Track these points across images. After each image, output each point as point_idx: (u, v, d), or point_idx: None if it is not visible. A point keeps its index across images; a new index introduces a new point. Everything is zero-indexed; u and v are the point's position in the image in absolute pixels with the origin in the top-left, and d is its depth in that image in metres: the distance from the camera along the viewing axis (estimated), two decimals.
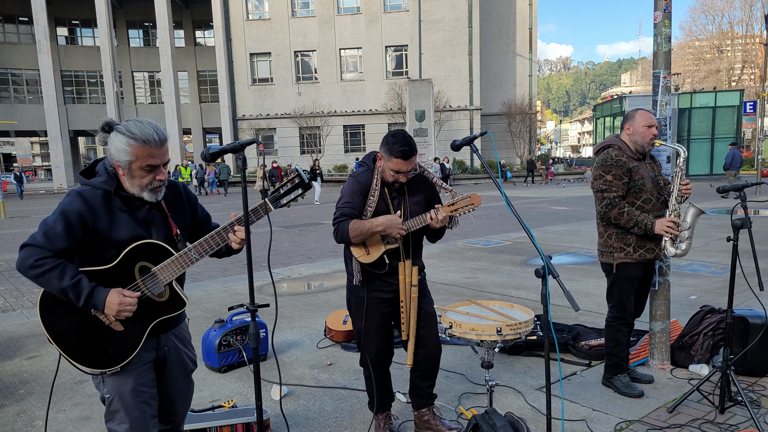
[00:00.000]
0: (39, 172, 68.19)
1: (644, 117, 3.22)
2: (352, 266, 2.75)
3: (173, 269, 1.91)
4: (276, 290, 1.90)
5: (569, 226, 11.54)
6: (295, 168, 1.97)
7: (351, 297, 2.83)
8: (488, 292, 6.02)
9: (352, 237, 2.60)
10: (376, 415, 2.94)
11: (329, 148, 33.82)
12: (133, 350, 1.93)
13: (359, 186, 2.69)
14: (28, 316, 5.63)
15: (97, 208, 1.86)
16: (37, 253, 1.79)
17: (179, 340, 2.16)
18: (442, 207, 2.62)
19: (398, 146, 2.57)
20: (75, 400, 3.52)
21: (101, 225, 1.85)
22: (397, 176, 2.62)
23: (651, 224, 3.13)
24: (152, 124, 1.87)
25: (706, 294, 5.70)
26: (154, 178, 1.88)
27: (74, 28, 39.12)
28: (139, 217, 1.93)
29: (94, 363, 1.91)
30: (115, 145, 1.84)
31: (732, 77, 50.80)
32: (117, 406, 1.96)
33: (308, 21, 34.23)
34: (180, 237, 2.01)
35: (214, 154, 1.74)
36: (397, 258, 2.69)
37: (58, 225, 1.81)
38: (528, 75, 37.99)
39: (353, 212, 2.64)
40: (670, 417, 3.05)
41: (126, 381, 1.95)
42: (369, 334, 2.77)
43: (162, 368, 2.10)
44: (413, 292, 2.67)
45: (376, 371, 2.81)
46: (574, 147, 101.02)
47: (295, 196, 1.96)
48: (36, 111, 35.71)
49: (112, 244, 1.87)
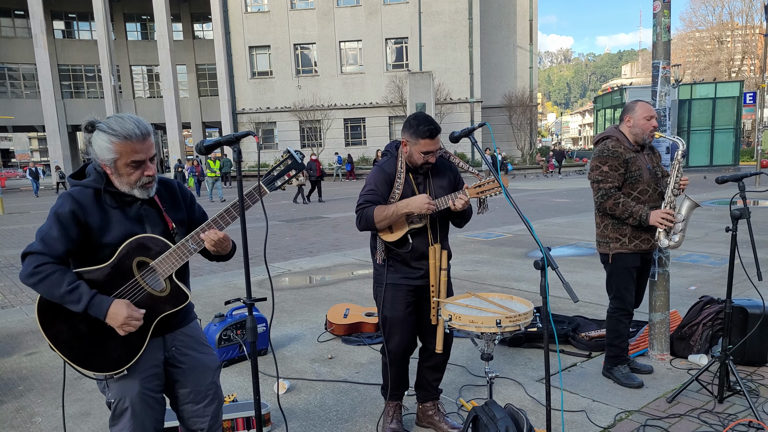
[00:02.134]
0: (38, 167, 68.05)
1: (644, 109, 3.24)
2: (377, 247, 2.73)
3: (171, 262, 1.88)
4: (272, 284, 1.88)
5: (570, 218, 11.53)
6: (287, 149, 1.96)
7: (377, 284, 2.81)
8: (489, 285, 6.02)
9: (378, 221, 2.59)
10: (388, 402, 2.91)
11: (330, 141, 33.74)
12: (138, 350, 1.88)
13: (384, 174, 2.69)
14: (27, 312, 5.64)
15: (87, 205, 1.83)
16: (36, 260, 1.77)
17: (192, 341, 2.08)
18: (468, 189, 2.62)
19: (423, 127, 2.58)
20: (74, 396, 3.52)
21: (93, 222, 1.82)
22: (427, 157, 2.62)
23: (646, 215, 3.14)
24: (134, 118, 1.83)
25: (705, 284, 5.70)
26: (142, 174, 1.84)
27: (71, 21, 38.94)
28: (131, 213, 1.90)
29: (99, 367, 1.86)
30: (98, 144, 1.80)
31: (732, 68, 50.59)
32: (121, 411, 1.91)
33: (307, 13, 34.05)
34: (176, 231, 1.97)
35: (209, 146, 1.73)
36: (425, 242, 2.68)
37: (54, 229, 1.78)
38: (528, 67, 37.84)
39: (377, 199, 2.64)
40: (670, 407, 3.06)
41: (131, 385, 1.90)
42: (393, 324, 2.75)
43: (174, 371, 2.03)
44: (443, 276, 2.66)
45: (394, 362, 2.80)
46: (574, 139, 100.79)
47: (289, 179, 1.94)
48: (33, 106, 35.61)
49: (106, 243, 1.84)
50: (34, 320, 5.22)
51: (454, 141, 2.45)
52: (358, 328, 4.45)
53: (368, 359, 3.95)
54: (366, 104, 34.17)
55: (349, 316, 4.49)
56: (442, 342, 2.68)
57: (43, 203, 21.44)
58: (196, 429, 2.10)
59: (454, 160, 2.82)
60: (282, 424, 2.99)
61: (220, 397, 2.14)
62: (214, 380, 2.11)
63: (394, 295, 2.73)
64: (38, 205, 20.79)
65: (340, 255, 8.20)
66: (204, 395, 2.07)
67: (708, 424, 2.84)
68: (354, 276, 6.79)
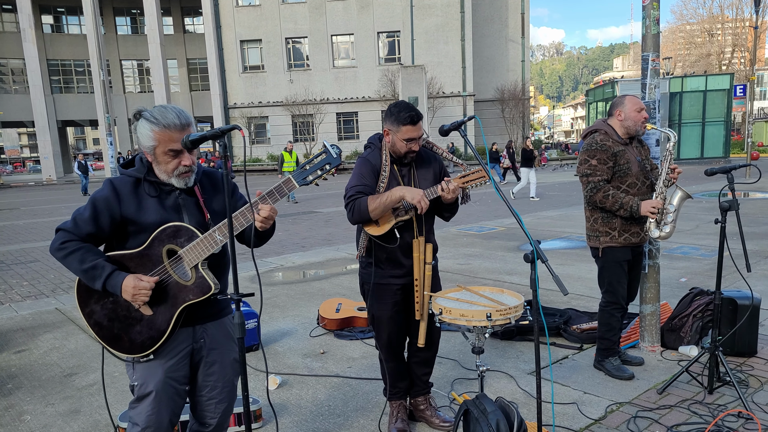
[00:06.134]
0: (27, 163, 67.46)
1: (633, 102, 3.26)
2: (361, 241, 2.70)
3: (198, 252, 1.88)
4: (260, 280, 1.86)
5: (562, 211, 11.57)
6: (324, 142, 1.91)
7: (364, 283, 2.78)
8: (481, 278, 6.03)
9: (372, 211, 2.53)
10: (390, 403, 2.91)
11: (322, 136, 33.62)
12: (162, 335, 1.90)
13: (370, 165, 2.65)
14: (17, 309, 5.59)
15: (125, 194, 1.90)
16: (64, 237, 1.88)
17: (222, 335, 2.07)
18: (453, 179, 2.57)
19: (404, 113, 2.55)
20: (64, 393, 3.49)
21: (128, 210, 1.89)
22: (410, 145, 2.58)
23: (637, 206, 3.14)
24: (176, 108, 1.91)
25: (696, 276, 5.73)
26: (180, 163, 1.90)
27: (59, 15, 38.43)
28: (169, 202, 1.94)
29: (126, 348, 1.92)
30: (140, 132, 1.89)
31: (722, 61, 50.78)
32: (143, 394, 1.94)
33: (299, 7, 33.82)
34: (212, 223, 1.98)
35: (195, 141, 1.71)
36: (410, 235, 2.65)
37: (87, 211, 1.89)
38: (521, 60, 37.83)
39: (367, 190, 2.59)
40: (660, 398, 3.08)
41: (156, 371, 1.93)
42: (381, 322, 2.74)
43: (198, 363, 2.03)
44: (427, 270, 2.64)
45: (388, 358, 2.79)
46: (567, 132, 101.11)
47: (322, 173, 1.87)
48: (22, 101, 35.19)
49: (141, 230, 1.90)
50: (23, 318, 5.20)
51: (443, 134, 2.42)
52: (350, 322, 4.44)
53: (360, 354, 3.95)
54: (358, 98, 34.04)
55: (342, 311, 4.48)
56: (424, 337, 2.67)
57: (33, 200, 21.21)
58: (206, 422, 2.12)
59: (438, 150, 2.78)
60: (274, 420, 2.98)
61: (233, 396, 2.15)
62: (232, 380, 2.12)
63: (381, 293, 2.72)
64: (28, 201, 20.58)
65: (333, 249, 8.18)
66: (221, 391, 2.08)
67: (698, 415, 2.86)
68: (347, 270, 6.78)
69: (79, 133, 75.28)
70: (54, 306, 5.61)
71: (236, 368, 2.11)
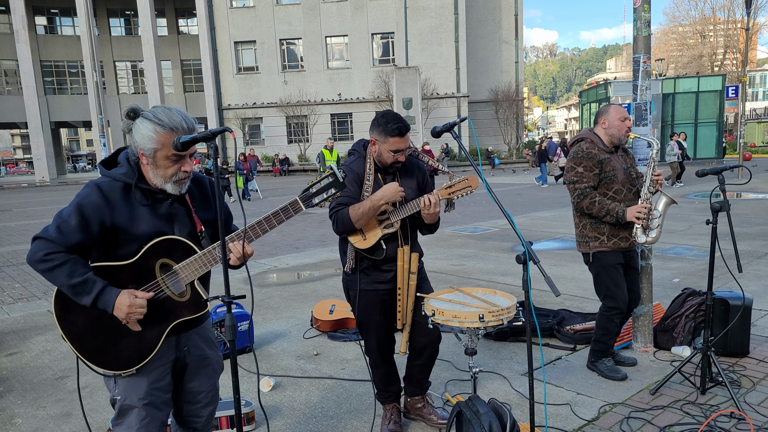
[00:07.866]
0: (20, 164, 67.05)
1: (618, 111, 3.31)
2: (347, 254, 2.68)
3: (195, 268, 1.81)
4: (252, 282, 1.85)
5: (556, 212, 11.60)
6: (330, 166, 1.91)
7: (350, 289, 2.78)
8: (475, 279, 6.03)
9: (355, 220, 2.53)
10: (384, 406, 2.91)
11: (317, 137, 33.57)
12: (151, 352, 1.82)
13: (353, 174, 2.63)
14: (8, 311, 5.54)
15: (115, 201, 1.76)
16: (48, 247, 1.70)
17: (203, 341, 2.03)
18: (439, 190, 2.56)
19: (392, 125, 2.53)
20: (56, 396, 3.47)
21: (120, 220, 1.76)
22: (396, 156, 2.58)
23: (622, 212, 3.18)
24: (181, 112, 1.80)
25: (689, 277, 5.76)
26: (179, 169, 1.80)
27: (53, 17, 38.25)
28: (161, 211, 1.84)
29: (109, 364, 1.80)
30: (140, 132, 1.75)
31: (714, 62, 51.12)
32: (127, 409, 1.86)
33: (293, 8, 33.80)
34: (204, 234, 1.91)
35: (185, 143, 1.69)
36: (395, 244, 2.65)
37: (73, 219, 1.72)
38: (514, 62, 37.94)
39: (350, 201, 2.58)
40: (653, 399, 3.09)
41: (140, 384, 1.85)
42: (369, 328, 2.74)
43: (182, 370, 1.98)
44: (411, 279, 2.63)
45: (378, 364, 2.79)
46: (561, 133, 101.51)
47: (328, 196, 1.87)
48: (16, 102, 34.97)
49: (131, 239, 1.78)
50: (15, 320, 5.16)
51: (435, 136, 2.43)
52: (344, 324, 4.43)
53: (354, 355, 3.94)
54: (353, 99, 34.04)
55: (335, 312, 4.47)
56: (405, 345, 2.68)
57: (26, 201, 21.08)
58: (189, 427, 2.09)
59: (423, 158, 2.78)
60: (266, 422, 2.97)
61: (217, 400, 2.13)
62: (215, 383, 2.10)
63: (367, 300, 2.72)
64: (21, 203, 20.44)
65: (327, 251, 8.17)
66: (204, 396, 2.06)
67: (690, 416, 2.87)
68: (340, 272, 6.75)
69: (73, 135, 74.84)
70: (46, 308, 5.57)
71: (219, 372, 2.10)
